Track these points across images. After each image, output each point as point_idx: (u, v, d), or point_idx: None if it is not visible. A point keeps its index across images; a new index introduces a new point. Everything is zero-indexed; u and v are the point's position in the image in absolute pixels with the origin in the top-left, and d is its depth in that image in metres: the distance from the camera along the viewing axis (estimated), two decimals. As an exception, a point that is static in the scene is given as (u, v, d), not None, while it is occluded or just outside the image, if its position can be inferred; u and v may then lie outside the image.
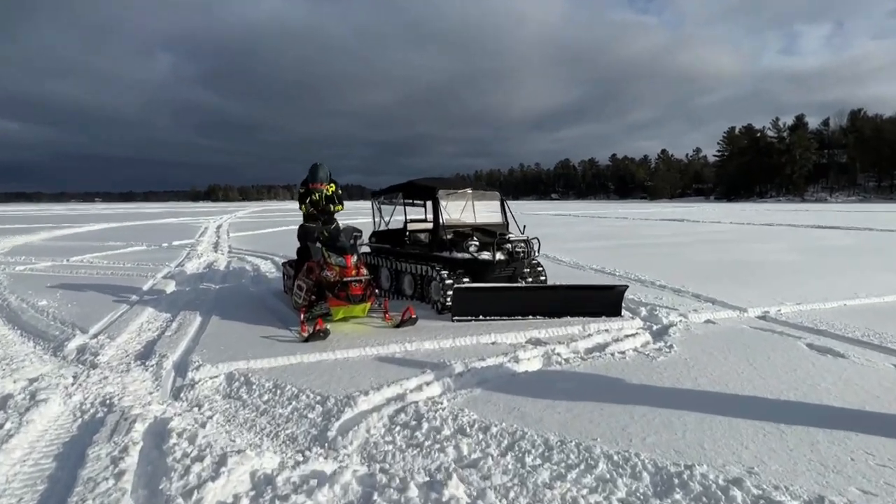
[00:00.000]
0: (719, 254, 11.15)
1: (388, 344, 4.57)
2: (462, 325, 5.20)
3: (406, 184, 6.75)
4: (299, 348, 4.47)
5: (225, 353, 4.34)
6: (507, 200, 6.86)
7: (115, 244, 14.80)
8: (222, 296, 7.00)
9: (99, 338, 5.00)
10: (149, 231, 20.72)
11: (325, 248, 5.35)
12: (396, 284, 6.71)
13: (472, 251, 5.71)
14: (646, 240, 15.05)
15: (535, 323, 5.28)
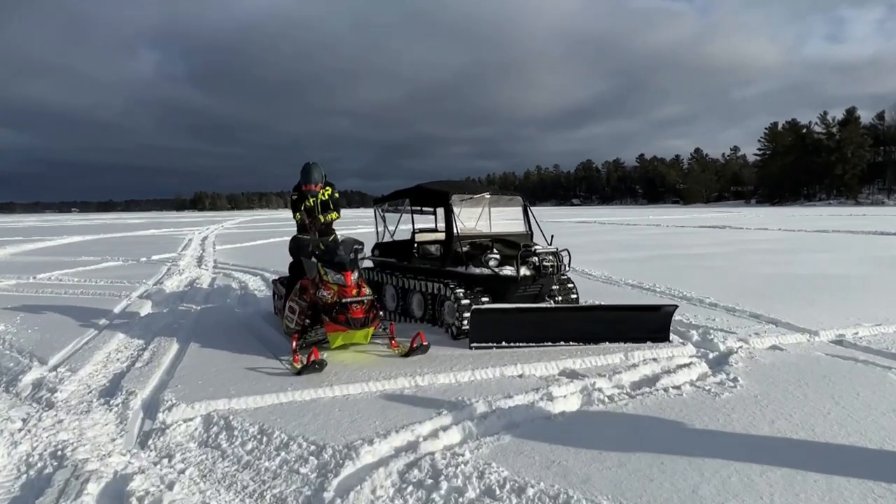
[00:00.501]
0: (774, 266, 10.75)
1: (395, 377, 4.27)
2: (482, 354, 4.89)
3: (414, 188, 6.50)
4: (291, 383, 4.18)
5: (203, 390, 4.07)
6: (530, 206, 6.57)
7: (89, 259, 14.71)
8: (204, 319, 6.76)
9: (59, 370, 4.76)
10: (127, 244, 20.69)
11: (320, 263, 5.09)
12: (403, 305, 6.42)
13: (492, 266, 5.42)
14: (685, 250, 14.66)
15: (567, 350, 4.96)
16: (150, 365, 4.82)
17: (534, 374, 4.40)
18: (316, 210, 6.14)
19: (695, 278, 9.14)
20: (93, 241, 22.50)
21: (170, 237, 25.18)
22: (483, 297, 5.52)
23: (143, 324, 6.52)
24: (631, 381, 4.25)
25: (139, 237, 26.11)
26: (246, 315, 6.98)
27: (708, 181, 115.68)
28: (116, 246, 19.82)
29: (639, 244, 17.10)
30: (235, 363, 4.79)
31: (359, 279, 5.11)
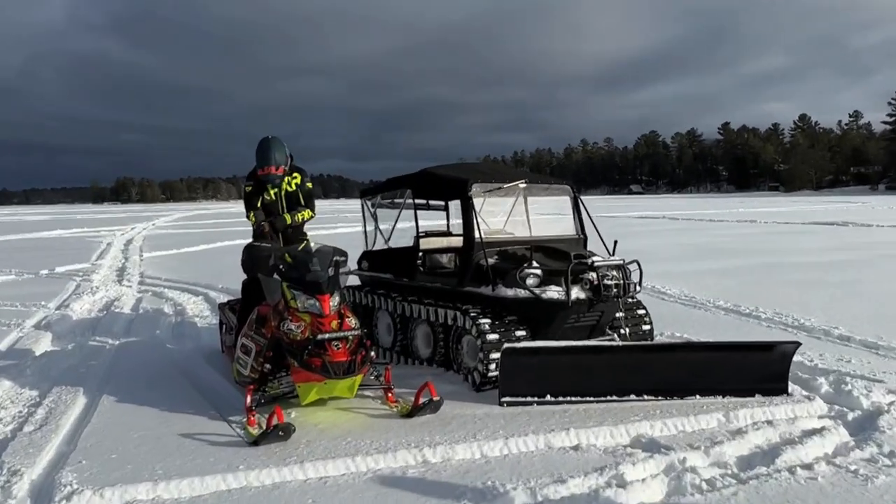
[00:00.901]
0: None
1: (394, 449, 4.05)
2: (517, 413, 4.66)
3: (418, 174, 6.29)
4: (243, 458, 3.97)
5: (118, 468, 3.87)
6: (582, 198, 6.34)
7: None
8: (123, 359, 6.59)
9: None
10: (22, 251, 20.72)
11: (286, 283, 4.87)
12: (404, 340, 6.20)
13: (531, 285, 5.18)
14: (796, 257, 14.35)
15: (641, 409, 4.72)
16: (45, 429, 4.62)
17: (594, 446, 4.16)
18: (279, 206, 5.93)
19: (814, 299, 8.87)
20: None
21: (82, 241, 25.22)
22: (518, 329, 5.28)
23: (39, 367, 6.35)
24: (738, 457, 4.00)
25: (39, 240, 26.20)
26: (182, 353, 6.81)
27: (818, 160, 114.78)
28: (8, 253, 19.84)
29: (728, 249, 16.78)
30: (165, 426, 4.59)
31: (341, 305, 4.88)
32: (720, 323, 7.64)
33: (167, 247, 21.27)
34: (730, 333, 6.97)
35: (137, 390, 5.43)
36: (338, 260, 5.08)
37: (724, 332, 7.05)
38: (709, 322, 7.67)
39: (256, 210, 5.89)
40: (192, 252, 19.38)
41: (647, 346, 5.05)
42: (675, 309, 8.46)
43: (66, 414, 4.93)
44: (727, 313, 8.16)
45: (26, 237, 28.57)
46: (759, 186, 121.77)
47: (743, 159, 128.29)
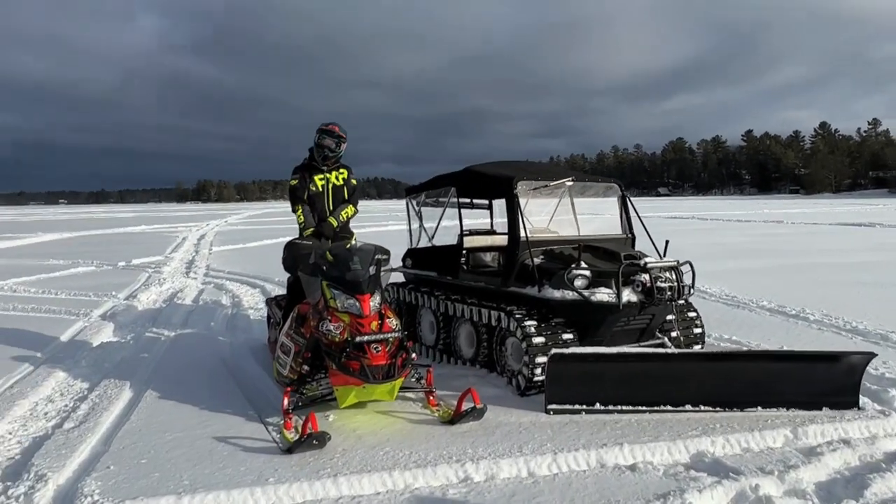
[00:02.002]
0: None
1: (434, 464, 3.39)
2: (565, 422, 3.96)
3: (462, 173, 5.61)
4: (275, 468, 3.37)
5: (145, 476, 3.31)
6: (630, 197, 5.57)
7: (57, 264, 14.58)
8: (174, 352, 6.10)
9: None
10: (108, 244, 20.77)
11: (326, 281, 4.26)
12: (447, 339, 5.53)
13: (580, 286, 4.45)
14: (830, 257, 13.20)
15: (698, 421, 3.97)
16: (84, 427, 4.11)
17: (651, 464, 3.43)
18: (325, 197, 5.32)
19: (862, 301, 7.90)
20: (68, 240, 22.79)
21: (160, 235, 25.29)
22: (565, 332, 4.57)
23: (94, 358, 5.90)
24: (816, 483, 3.22)
25: (125, 235, 26.39)
26: (231, 347, 6.28)
27: (838, 164, 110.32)
28: (95, 246, 19.88)
29: (761, 248, 15.68)
30: (201, 427, 4.03)
31: (381, 305, 4.25)
32: (767, 324, 6.77)
33: (235, 241, 21.07)
34: (780, 335, 6.13)
35: (181, 386, 4.91)
36: (379, 258, 4.44)
37: (773, 334, 6.21)
38: (755, 323, 6.82)
39: (304, 207, 5.32)
40: (255, 247, 19.09)
41: (704, 354, 4.28)
42: (718, 309, 7.60)
43: (107, 410, 4.42)
44: (772, 314, 7.28)
45: (114, 231, 28.87)
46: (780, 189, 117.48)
47: (765, 164, 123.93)
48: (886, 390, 4.39)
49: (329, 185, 5.33)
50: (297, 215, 5.36)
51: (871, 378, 4.63)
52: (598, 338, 4.66)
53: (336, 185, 5.36)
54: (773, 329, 6.48)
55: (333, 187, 5.35)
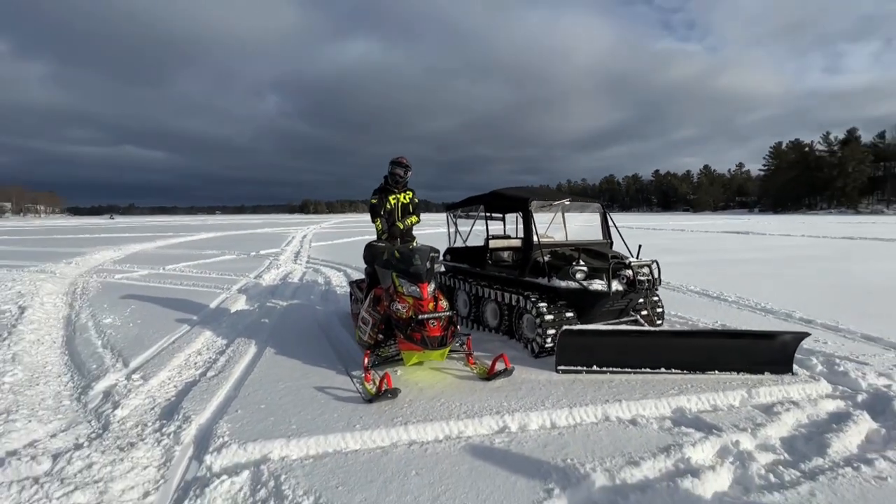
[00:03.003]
0: (836, 275, 8.46)
1: (479, 414, 2.84)
2: (572, 381, 3.38)
3: (489, 195, 5.01)
4: (360, 416, 2.84)
5: (263, 420, 2.80)
6: (609, 212, 4.93)
7: (212, 252, 14.21)
8: (286, 317, 5.59)
9: (133, 377, 3.65)
10: (244, 240, 20.42)
11: (395, 273, 3.71)
12: (477, 312, 4.97)
13: (579, 279, 3.85)
14: (728, 255, 12.35)
15: (672, 381, 3.36)
16: (221, 376, 3.62)
17: (645, 417, 2.85)
18: (396, 213, 4.78)
19: (763, 287, 7.14)
20: (220, 237, 22.48)
21: (278, 235, 24.93)
22: (567, 311, 3.98)
23: (231, 321, 5.41)
24: (782, 439, 2.62)
25: (256, 234, 26.07)
26: (325, 314, 5.76)
27: (716, 192, 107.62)
28: (236, 241, 19.53)
29: (677, 248, 14.80)
30: (304, 378, 3.51)
31: (435, 291, 3.70)
32: (698, 304, 6.09)
33: (326, 239, 20.62)
34: (712, 313, 5.46)
35: (289, 344, 4.40)
36: (433, 256, 3.88)
37: (706, 312, 5.53)
38: (689, 302, 6.14)
39: (382, 217, 4.78)
40: (339, 242, 18.60)
41: (675, 332, 3.65)
42: (660, 292, 6.91)
43: (238, 363, 3.92)
44: (700, 296, 6.58)
45: (249, 232, 28.56)
46: (676, 209, 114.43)
47: (667, 192, 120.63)
48: (808, 359, 3.75)
49: (399, 204, 4.77)
50: (376, 224, 4.80)
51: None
52: (591, 315, 4.06)
53: (404, 203, 4.80)
54: (704, 308, 5.81)
55: (402, 205, 4.79)
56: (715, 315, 5.31)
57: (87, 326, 5.25)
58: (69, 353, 4.39)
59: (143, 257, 13.05)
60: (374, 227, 4.81)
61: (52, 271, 9.79)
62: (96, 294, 7.28)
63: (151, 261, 11.98)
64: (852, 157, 70.93)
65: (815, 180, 74.56)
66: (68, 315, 5.91)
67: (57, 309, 6.30)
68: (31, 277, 8.66)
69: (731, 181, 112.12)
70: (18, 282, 8.17)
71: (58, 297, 7.15)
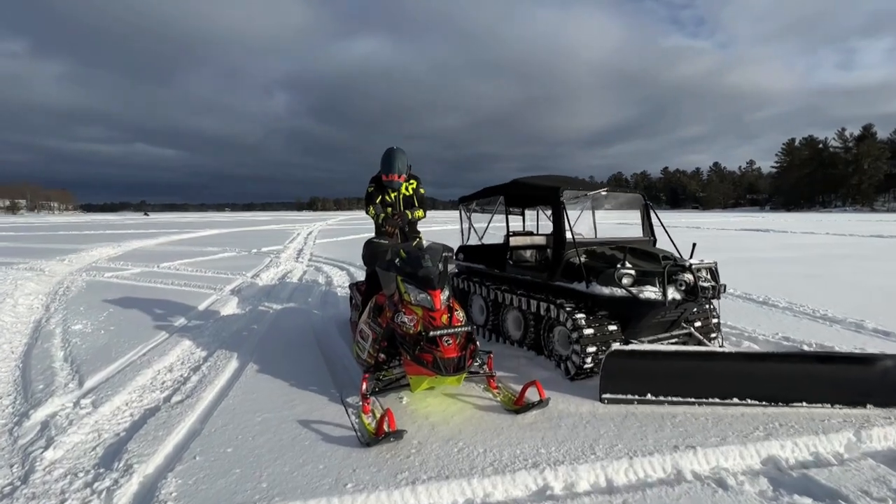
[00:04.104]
0: (884, 276, 7.61)
1: (511, 468, 2.13)
2: (624, 416, 2.65)
3: (510, 184, 4.28)
4: (353, 468, 2.14)
5: (224, 475, 2.11)
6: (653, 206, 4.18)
7: (212, 249, 13.61)
8: (278, 324, 4.91)
9: (83, 402, 2.98)
10: (247, 237, 19.85)
11: (400, 277, 3.00)
12: (495, 321, 4.25)
13: (626, 284, 3.12)
14: (755, 253, 11.50)
15: (748, 417, 2.63)
16: (188, 402, 2.93)
17: (731, 473, 2.12)
18: (398, 207, 4.07)
19: (807, 289, 6.34)
20: (223, 234, 21.92)
21: (283, 231, 24.35)
22: (610, 324, 3.24)
23: (216, 328, 4.74)
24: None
25: (261, 231, 25.53)
26: (322, 321, 5.07)
27: (726, 190, 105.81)
28: (239, 238, 18.97)
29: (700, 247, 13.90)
30: (288, 407, 2.82)
31: (450, 299, 2.98)
32: (747, 310, 5.31)
33: (330, 236, 19.99)
34: (766, 322, 4.70)
35: (277, 359, 3.71)
36: (446, 255, 3.16)
37: (760, 320, 4.78)
38: (737, 308, 5.36)
39: (375, 205, 4.06)
40: (343, 239, 17.98)
41: (749, 354, 2.90)
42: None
43: (212, 384, 3.24)
44: (745, 301, 5.81)
45: (254, 229, 28.05)
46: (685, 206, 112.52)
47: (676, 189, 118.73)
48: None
49: (400, 196, 4.05)
50: (370, 213, 4.10)
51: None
52: (637, 328, 3.33)
53: (406, 195, 4.08)
54: (754, 315, 5.03)
55: (404, 197, 4.07)
56: (771, 325, 4.55)
57: (53, 334, 4.61)
58: (22, 368, 3.74)
59: (140, 254, 12.48)
60: (370, 216, 4.10)
61: (41, 269, 9.21)
62: (77, 295, 6.66)
63: (148, 258, 11.39)
64: (868, 154, 69.09)
65: (829, 177, 72.76)
66: (39, 320, 5.29)
67: (30, 312, 5.69)
68: (15, 276, 8.08)
69: (741, 179, 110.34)
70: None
71: (37, 297, 6.55)
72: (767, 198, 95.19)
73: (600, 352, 3.12)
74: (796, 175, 78.02)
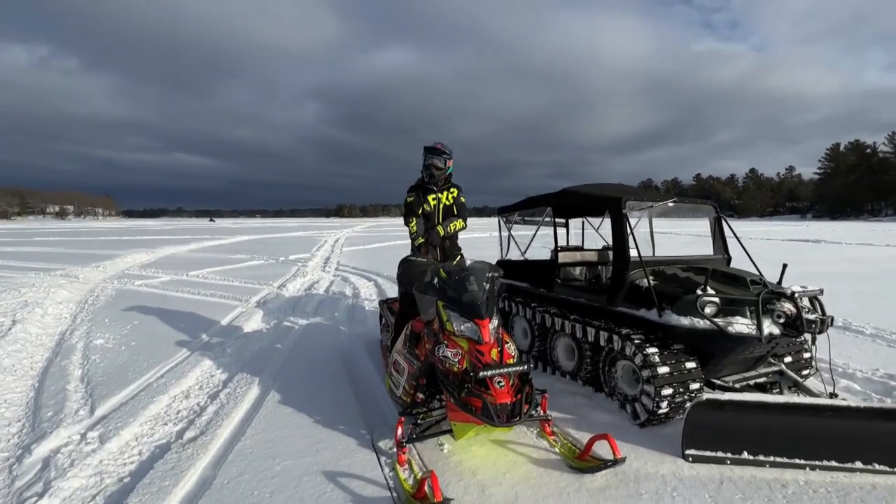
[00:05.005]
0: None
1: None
2: (718, 480, 2.14)
3: (559, 193, 3.81)
4: (389, 548, 1.72)
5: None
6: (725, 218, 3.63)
7: (240, 257, 13.61)
8: (303, 343, 4.58)
9: (90, 436, 2.69)
10: (275, 244, 19.96)
11: (442, 302, 2.58)
12: (541, 347, 3.77)
13: (709, 314, 2.60)
14: (813, 267, 10.52)
15: (881, 489, 2.07)
16: (201, 441, 2.59)
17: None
18: (436, 215, 3.67)
19: (890, 311, 5.57)
20: (252, 241, 22.18)
21: (310, 239, 24.48)
22: (688, 360, 2.73)
23: (238, 347, 4.44)
24: None
25: (289, 238, 25.76)
26: (350, 340, 4.71)
27: (764, 197, 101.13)
28: (267, 245, 19.08)
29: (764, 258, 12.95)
30: (312, 454, 2.43)
31: (499, 330, 2.54)
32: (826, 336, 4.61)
33: (357, 244, 19.86)
34: (851, 352, 4.04)
35: (301, 387, 3.36)
36: (493, 276, 2.72)
37: (845, 350, 4.11)
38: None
39: (419, 220, 3.67)
40: (371, 247, 17.78)
41: (874, 409, 2.33)
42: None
43: (229, 417, 2.90)
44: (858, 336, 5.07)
45: (282, 235, 28.39)
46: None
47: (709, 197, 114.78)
48: None
49: (440, 205, 3.66)
50: (410, 227, 3.72)
51: None
52: (720, 367, 2.80)
53: (446, 204, 3.68)
54: (841, 345, 4.32)
55: (444, 206, 3.67)
56: (865, 358, 3.89)
57: (74, 348, 4.42)
58: (37, 388, 3.52)
59: (171, 261, 12.58)
60: (409, 230, 3.71)
61: (76, 276, 9.31)
62: (105, 304, 6.56)
63: (178, 265, 11.42)
64: (923, 159, 64.62)
65: (878, 184, 68.45)
66: (64, 331, 5.14)
67: (57, 322, 5.58)
68: (49, 283, 8.14)
69: (780, 185, 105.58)
70: (33, 288, 7.63)
71: (66, 306, 6.48)
72: (809, 205, 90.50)
73: (677, 394, 2.61)
74: (842, 181, 73.83)
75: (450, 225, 3.71)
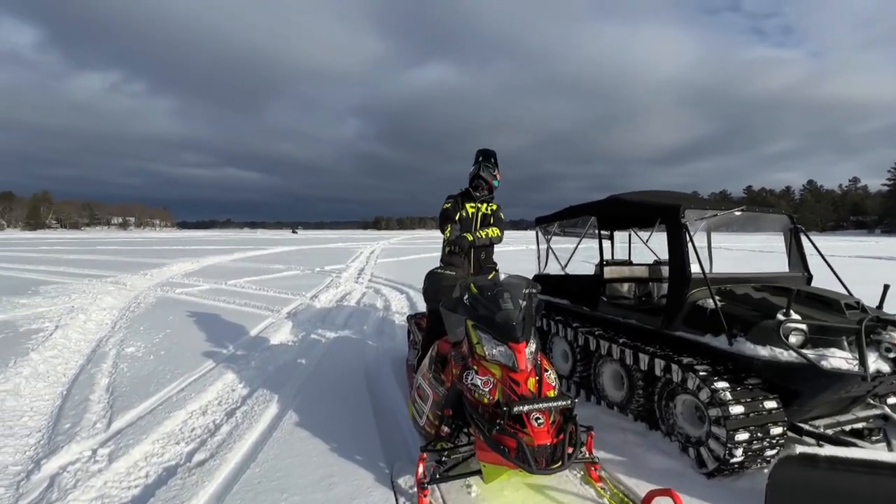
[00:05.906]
0: None
1: None
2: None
3: (606, 202, 3.44)
4: None
5: None
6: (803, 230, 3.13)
7: (278, 267, 13.86)
8: (328, 358, 4.39)
9: (100, 452, 2.56)
10: (313, 255, 20.32)
11: (472, 322, 2.28)
12: (584, 372, 3.37)
13: (794, 343, 2.15)
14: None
15: None
16: (209, 466, 2.40)
17: None
18: (474, 224, 3.35)
19: None
20: (291, 252, 22.75)
21: (347, 250, 24.84)
22: (767, 399, 2.27)
23: (262, 360, 4.29)
24: None
25: (326, 249, 26.27)
26: (376, 356, 4.47)
27: (823, 211, 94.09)
28: (305, 256, 19.44)
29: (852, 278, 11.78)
30: (323, 489, 2.18)
31: (537, 355, 2.20)
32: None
33: (392, 255, 19.88)
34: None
35: (320, 408, 3.13)
36: (531, 293, 2.39)
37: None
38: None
39: (454, 223, 3.35)
40: (405, 259, 17.71)
41: None
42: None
43: (242, 438, 2.70)
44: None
45: (320, 247, 29.02)
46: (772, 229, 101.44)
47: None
48: None
49: (479, 213, 3.34)
50: (445, 234, 3.36)
51: None
52: (806, 408, 2.32)
53: (485, 213, 3.36)
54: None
55: (483, 215, 3.35)
56: None
57: (106, 356, 4.44)
58: (64, 396, 3.49)
59: (213, 270, 12.96)
60: (443, 238, 3.39)
61: (123, 283, 9.70)
62: (144, 312, 6.69)
63: (219, 275, 11.73)
64: None
65: (960, 196, 61.98)
66: (101, 339, 5.22)
67: (98, 329, 5.70)
68: (97, 290, 8.49)
69: (842, 198, 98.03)
70: (83, 294, 7.97)
71: (109, 313, 6.66)
72: (878, 219, 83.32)
73: (755, 439, 2.16)
74: (916, 194, 67.48)
75: (482, 231, 3.37)
